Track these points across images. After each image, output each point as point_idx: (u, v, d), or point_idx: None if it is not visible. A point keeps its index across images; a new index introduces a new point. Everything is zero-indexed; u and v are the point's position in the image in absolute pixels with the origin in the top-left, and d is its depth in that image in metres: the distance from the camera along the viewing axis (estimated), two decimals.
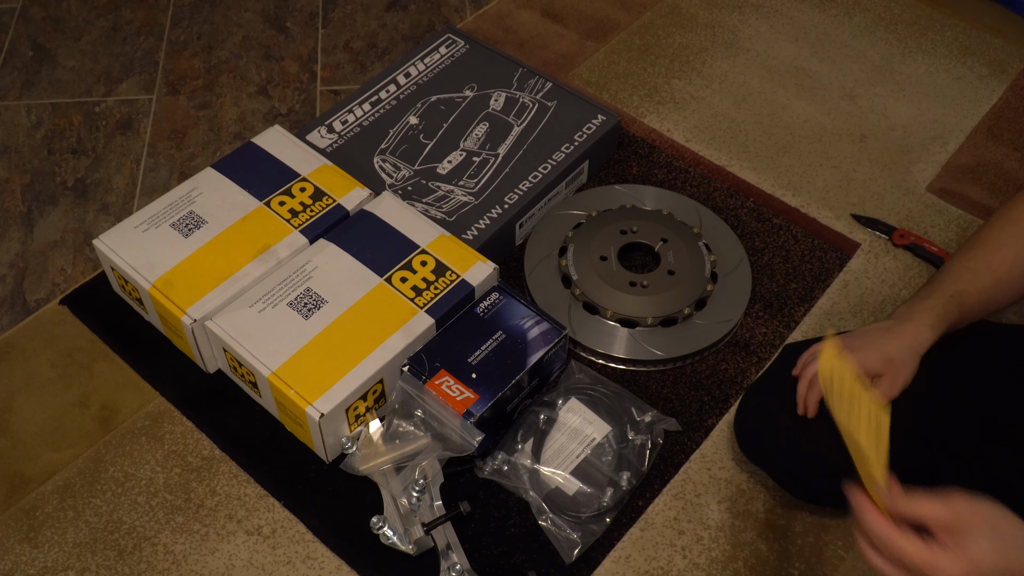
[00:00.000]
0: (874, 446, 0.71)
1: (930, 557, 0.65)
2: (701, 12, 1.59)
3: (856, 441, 0.70)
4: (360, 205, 1.15)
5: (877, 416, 0.72)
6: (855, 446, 0.71)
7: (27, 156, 1.41)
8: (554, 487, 1.00)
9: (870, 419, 0.72)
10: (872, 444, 0.70)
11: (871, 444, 0.70)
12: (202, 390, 1.09)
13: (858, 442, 0.70)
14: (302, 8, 1.65)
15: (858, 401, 0.73)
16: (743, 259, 1.21)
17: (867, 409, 0.72)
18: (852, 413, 0.72)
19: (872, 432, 0.71)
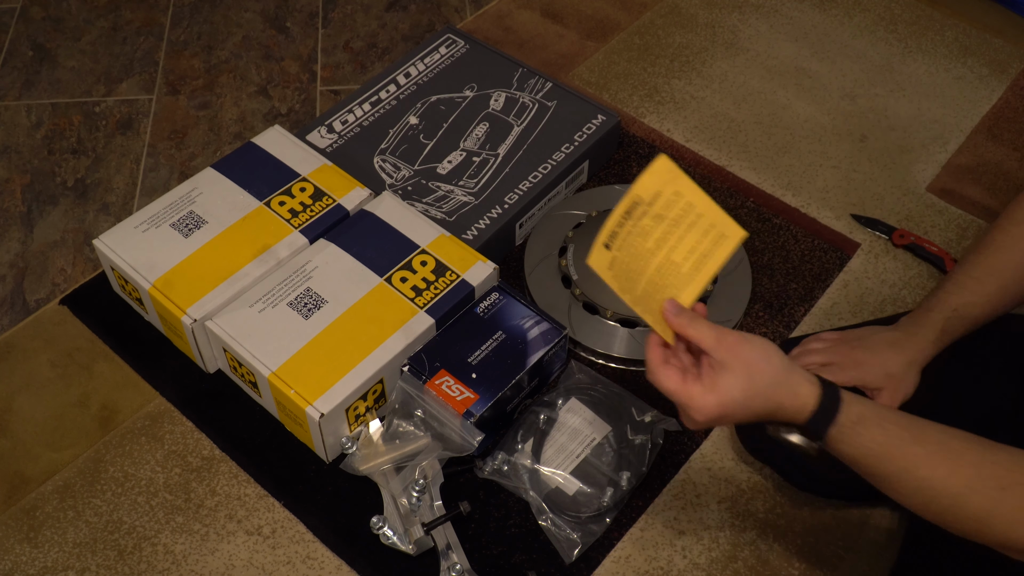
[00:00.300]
0: (696, 264, 0.74)
1: (683, 387, 0.71)
2: (701, 12, 1.59)
3: (670, 260, 0.74)
4: (360, 205, 1.15)
5: (717, 234, 0.74)
6: (665, 265, 0.74)
7: (27, 156, 1.41)
8: (554, 487, 1.00)
9: (704, 235, 0.74)
10: (694, 262, 0.74)
11: (693, 261, 0.74)
12: (202, 390, 1.09)
13: (673, 261, 0.74)
14: (302, 8, 1.65)
15: (691, 219, 0.74)
16: (743, 259, 1.21)
17: (704, 226, 0.74)
18: (674, 234, 0.74)
19: (699, 249, 0.74)
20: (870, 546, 1.00)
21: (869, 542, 1.00)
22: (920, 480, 0.69)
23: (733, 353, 0.71)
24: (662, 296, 0.74)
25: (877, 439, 0.70)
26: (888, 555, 0.97)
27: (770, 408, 0.72)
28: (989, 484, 0.67)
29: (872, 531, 1.00)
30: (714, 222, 0.74)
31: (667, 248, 0.74)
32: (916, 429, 0.71)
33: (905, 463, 0.70)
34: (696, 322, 0.73)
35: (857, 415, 0.71)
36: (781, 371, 0.71)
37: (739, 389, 0.70)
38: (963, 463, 0.68)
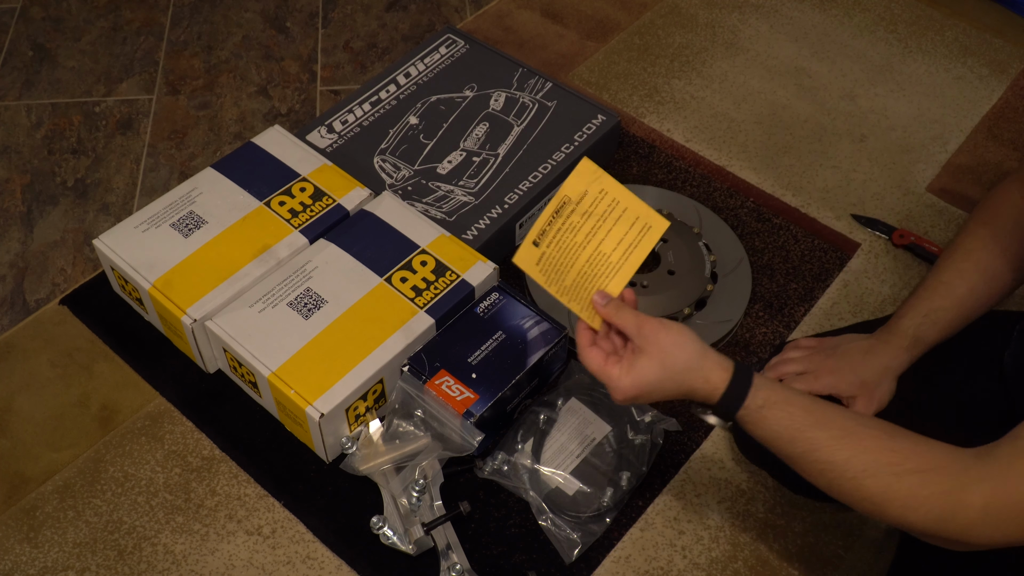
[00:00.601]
0: (624, 253, 0.80)
1: (604, 368, 0.78)
2: (701, 12, 1.59)
3: (600, 251, 0.81)
4: (360, 205, 1.15)
5: (642, 225, 0.80)
6: (595, 256, 0.81)
7: (27, 156, 1.41)
8: (554, 487, 1.00)
9: (630, 227, 0.80)
10: (622, 251, 0.80)
11: (621, 251, 0.80)
12: (202, 390, 1.09)
13: (603, 252, 0.80)
14: (302, 8, 1.65)
15: (617, 213, 0.80)
16: (743, 259, 1.21)
17: (630, 219, 0.80)
18: (603, 227, 0.81)
19: (627, 240, 0.80)
20: (869, 546, 1.00)
21: (869, 542, 1.00)
22: (822, 463, 0.73)
23: (650, 340, 0.77)
24: (592, 285, 0.81)
25: (782, 422, 0.75)
26: (887, 555, 0.97)
27: (683, 390, 0.78)
28: (885, 470, 0.71)
29: (871, 531, 1.01)
30: (638, 215, 0.80)
31: (596, 241, 0.81)
32: (820, 414, 0.75)
33: (808, 445, 0.74)
34: (621, 311, 0.79)
35: (764, 399, 0.75)
36: (694, 357, 0.77)
37: (653, 373, 0.77)
38: (862, 448, 0.72)
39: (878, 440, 0.72)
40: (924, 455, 0.71)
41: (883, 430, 0.74)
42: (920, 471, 0.70)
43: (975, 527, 0.67)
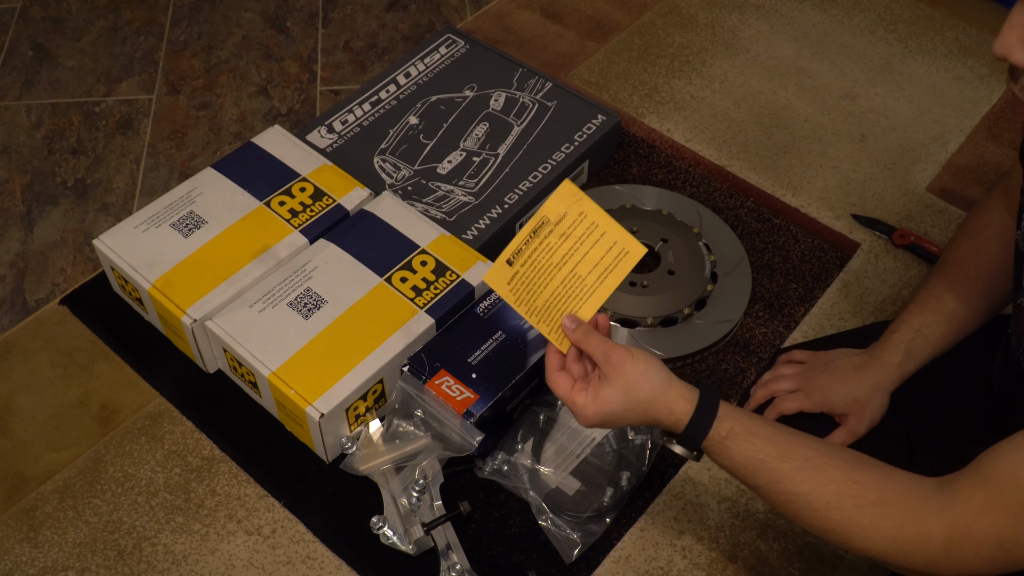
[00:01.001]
0: (599, 277, 0.81)
1: (570, 394, 0.79)
2: (701, 12, 1.59)
3: (575, 274, 0.81)
4: (360, 205, 1.15)
5: (619, 250, 0.81)
6: (570, 278, 0.81)
7: (27, 156, 1.41)
8: (554, 487, 1.00)
9: (607, 251, 0.81)
10: (597, 275, 0.81)
11: (596, 274, 0.81)
12: (202, 390, 1.09)
13: (578, 274, 0.81)
14: (302, 8, 1.65)
15: (595, 237, 0.81)
16: (743, 259, 1.21)
17: (607, 243, 0.81)
18: (579, 250, 0.81)
19: (603, 264, 0.81)
20: None
21: None
22: (786, 494, 0.74)
23: (616, 369, 0.77)
24: (565, 307, 0.81)
25: (745, 453, 0.75)
26: None
27: (648, 420, 0.78)
28: (848, 502, 0.71)
29: None
30: (616, 239, 0.80)
31: (572, 263, 0.81)
32: (785, 444, 0.75)
33: (772, 477, 0.74)
34: (590, 336, 0.79)
35: (728, 429, 0.76)
36: (658, 388, 0.77)
37: (617, 402, 0.77)
38: (826, 480, 0.72)
39: (841, 471, 0.72)
40: (886, 487, 0.71)
41: (847, 461, 0.74)
42: (882, 503, 0.70)
43: (938, 560, 0.68)
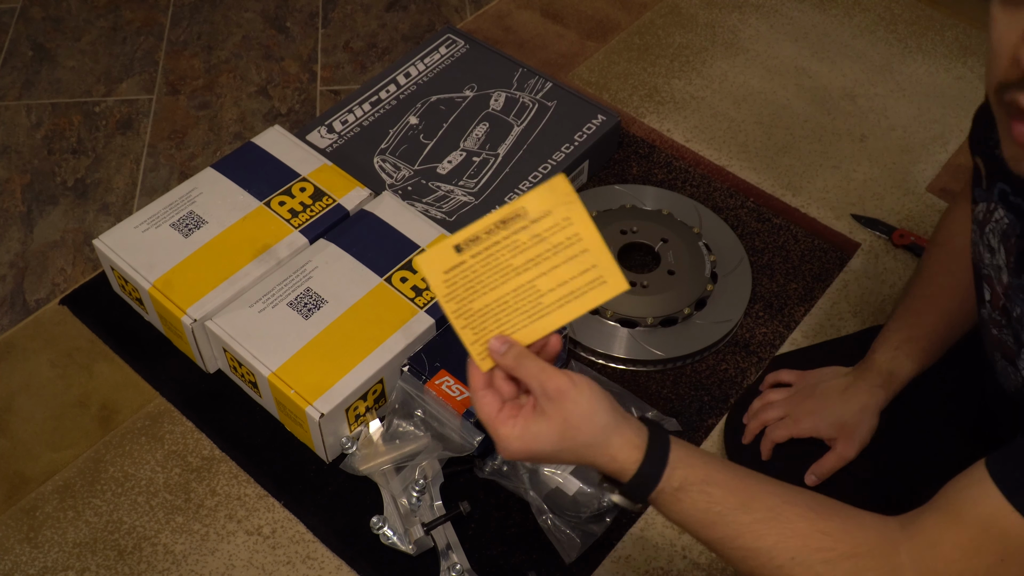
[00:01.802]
0: (561, 300, 0.67)
1: (494, 421, 0.67)
2: (701, 12, 1.59)
3: (533, 286, 0.67)
4: (360, 205, 1.15)
5: (595, 276, 0.67)
6: (525, 289, 0.67)
7: (27, 156, 1.41)
8: (554, 487, 1.00)
9: (581, 273, 0.67)
10: (559, 297, 0.67)
11: (558, 296, 0.67)
12: (202, 390, 1.09)
13: (537, 288, 0.67)
14: (302, 8, 1.65)
15: (573, 251, 0.67)
16: (743, 259, 1.21)
17: (585, 264, 0.67)
18: (550, 260, 0.67)
19: (571, 285, 0.67)
20: None
21: None
22: (745, 549, 0.66)
23: (554, 404, 0.66)
24: (504, 322, 0.68)
25: (700, 505, 0.66)
26: None
27: (584, 463, 0.68)
28: (815, 557, 0.64)
29: None
30: (597, 263, 0.67)
31: (535, 273, 0.67)
32: (745, 494, 0.66)
33: (728, 531, 0.66)
34: (523, 362, 0.67)
35: (681, 480, 0.66)
36: (601, 433, 0.66)
37: (548, 442, 0.66)
38: (790, 533, 0.65)
39: (807, 521, 0.65)
40: (855, 536, 0.64)
41: (812, 508, 0.66)
42: (853, 555, 0.64)
43: None
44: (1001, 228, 0.71)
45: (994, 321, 0.76)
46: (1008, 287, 0.72)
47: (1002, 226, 0.71)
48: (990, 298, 0.76)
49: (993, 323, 0.76)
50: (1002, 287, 0.73)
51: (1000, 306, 0.74)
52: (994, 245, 0.73)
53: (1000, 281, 0.73)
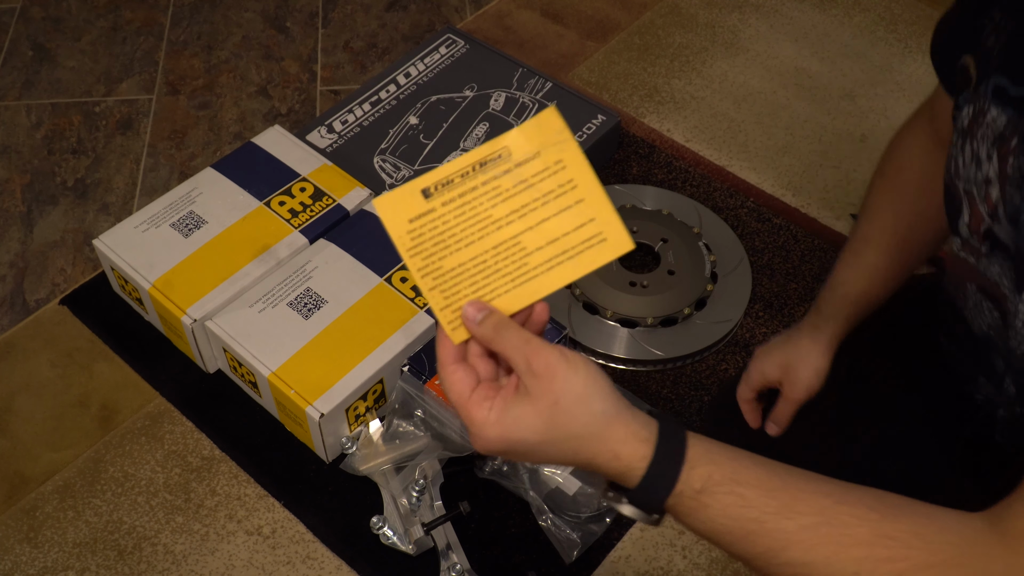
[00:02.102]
0: (551, 260, 0.56)
1: (466, 403, 0.54)
2: (701, 12, 1.59)
3: (518, 243, 0.56)
4: (360, 205, 1.15)
5: (594, 232, 0.56)
6: (508, 247, 0.56)
7: (27, 156, 1.41)
8: (554, 487, 1.00)
9: (578, 228, 0.56)
10: (550, 257, 0.56)
11: (549, 255, 0.56)
12: (202, 390, 1.09)
13: (522, 246, 0.56)
14: (302, 8, 1.65)
15: (568, 201, 0.56)
16: (743, 259, 1.21)
17: (582, 216, 0.55)
18: (538, 211, 0.56)
19: (565, 243, 0.56)
20: None
21: None
22: (795, 565, 0.52)
23: (541, 383, 0.52)
24: (482, 285, 0.56)
25: (730, 512, 0.52)
26: None
27: (580, 462, 0.54)
28: (883, 569, 0.50)
29: None
30: (596, 216, 0.55)
31: (521, 226, 0.55)
32: (786, 495, 0.52)
33: (771, 542, 0.52)
34: (503, 333, 0.54)
35: (703, 480, 0.52)
36: (598, 420, 0.53)
37: (532, 429, 0.52)
38: (849, 541, 0.51)
39: (868, 525, 0.51)
40: (931, 541, 0.51)
41: (872, 508, 0.52)
42: (931, 565, 0.50)
43: None
44: (995, 131, 0.62)
45: (971, 248, 0.68)
46: (1000, 202, 0.62)
47: (996, 128, 0.62)
48: (969, 220, 0.66)
49: (969, 250, 0.68)
50: (989, 205, 0.63)
51: (981, 230, 0.65)
52: (983, 154, 0.63)
53: (987, 197, 0.63)
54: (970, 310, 0.73)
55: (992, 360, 0.74)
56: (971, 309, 0.73)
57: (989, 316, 0.70)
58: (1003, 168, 0.61)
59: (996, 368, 0.74)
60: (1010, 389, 0.73)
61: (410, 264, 0.56)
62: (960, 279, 0.72)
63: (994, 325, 0.70)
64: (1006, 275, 0.65)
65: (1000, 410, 0.77)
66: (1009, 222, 0.62)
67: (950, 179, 0.68)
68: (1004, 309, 0.67)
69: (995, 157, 0.62)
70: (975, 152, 0.64)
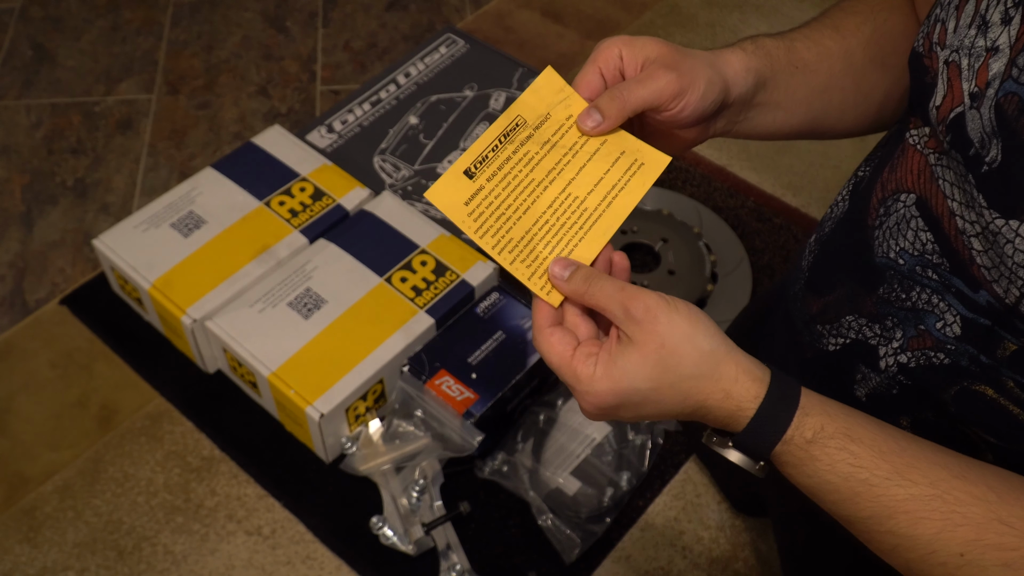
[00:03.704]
0: (604, 199, 0.58)
1: (570, 363, 0.53)
2: (701, 12, 1.59)
3: (569, 194, 0.58)
4: (360, 205, 1.15)
5: (631, 161, 0.59)
6: (562, 200, 0.58)
7: (27, 156, 1.41)
8: (554, 487, 1.00)
9: (612, 164, 0.59)
10: (602, 196, 0.58)
11: (600, 195, 0.58)
12: (202, 390, 1.09)
13: (574, 195, 0.58)
14: (302, 8, 1.65)
15: (593, 146, 0.59)
16: (743, 259, 1.21)
17: (612, 154, 0.59)
18: (572, 163, 0.59)
19: (609, 180, 0.59)
20: None
21: None
22: (896, 536, 0.49)
23: (644, 327, 0.51)
24: (555, 242, 0.57)
25: (839, 469, 0.50)
26: None
27: (689, 406, 0.52)
28: (990, 557, 0.47)
29: None
30: (624, 148, 0.58)
31: (564, 179, 0.58)
32: (900, 460, 0.50)
33: (876, 508, 0.50)
34: (595, 284, 0.53)
35: (815, 430, 0.51)
36: (708, 359, 0.51)
37: (643, 376, 0.51)
38: (960, 520, 0.48)
39: (984, 505, 0.47)
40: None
41: (992, 487, 0.48)
42: None
43: None
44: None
45: (935, 141, 0.55)
46: (998, 78, 0.48)
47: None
48: (940, 102, 0.54)
49: (934, 144, 0.56)
50: (979, 81, 0.50)
51: (949, 117, 0.52)
52: (994, 16, 0.50)
53: (982, 70, 0.50)
54: (888, 229, 0.59)
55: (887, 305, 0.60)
56: (887, 230, 0.59)
57: (916, 240, 0.56)
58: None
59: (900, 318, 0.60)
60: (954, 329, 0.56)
61: (483, 244, 0.57)
62: (896, 186, 0.59)
63: (921, 251, 0.56)
64: (959, 184, 0.52)
65: None
66: (995, 109, 0.48)
67: (926, 49, 0.56)
68: (942, 231, 0.54)
69: (1017, 18, 0.48)
70: (980, 13, 0.51)
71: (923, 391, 0.59)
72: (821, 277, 0.67)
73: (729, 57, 0.63)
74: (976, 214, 0.51)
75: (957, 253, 0.53)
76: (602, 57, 0.61)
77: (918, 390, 0.59)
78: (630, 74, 0.60)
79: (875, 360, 0.61)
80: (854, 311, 0.63)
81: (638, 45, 0.60)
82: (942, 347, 0.56)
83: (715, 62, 0.61)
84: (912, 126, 0.58)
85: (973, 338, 0.54)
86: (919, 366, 0.58)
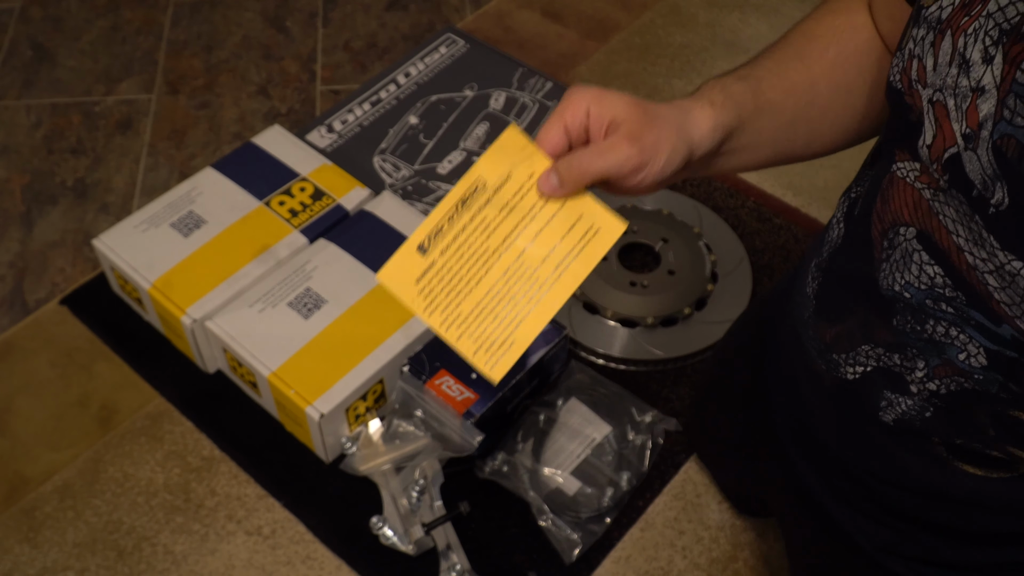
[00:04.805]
0: (558, 266, 0.60)
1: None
2: (701, 12, 1.59)
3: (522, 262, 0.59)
4: (360, 205, 1.15)
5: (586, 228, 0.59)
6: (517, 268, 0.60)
7: (27, 156, 1.41)
8: (554, 487, 1.00)
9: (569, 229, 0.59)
10: (556, 263, 0.60)
11: (554, 262, 0.60)
12: (202, 390, 1.09)
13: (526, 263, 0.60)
14: (302, 8, 1.65)
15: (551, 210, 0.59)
16: (743, 259, 1.21)
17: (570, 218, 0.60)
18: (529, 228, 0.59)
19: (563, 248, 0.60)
20: None
21: None
22: None
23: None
24: (504, 314, 0.59)
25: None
26: None
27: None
28: None
29: None
30: (583, 212, 0.58)
31: (517, 248, 0.59)
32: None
33: None
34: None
35: None
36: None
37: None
38: None
39: None
40: None
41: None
42: None
43: None
44: (1004, 23, 0.47)
45: (928, 178, 0.54)
46: (991, 120, 0.47)
47: (1007, 18, 0.47)
48: (931, 141, 0.53)
49: (927, 180, 0.54)
50: (971, 122, 0.49)
51: (944, 157, 0.51)
52: (974, 55, 0.48)
53: (971, 111, 0.49)
54: (892, 264, 0.58)
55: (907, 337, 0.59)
56: (894, 263, 0.58)
57: (921, 274, 0.56)
58: (1010, 74, 0.46)
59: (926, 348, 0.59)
60: (979, 360, 0.56)
61: (431, 322, 0.59)
62: (893, 219, 0.58)
63: (931, 284, 0.55)
64: (963, 222, 0.51)
65: None
66: (994, 151, 0.47)
67: (905, 86, 0.55)
68: (951, 265, 0.53)
69: (998, 58, 0.47)
70: (959, 51, 0.49)
71: (957, 414, 0.59)
72: (829, 306, 0.68)
73: (697, 116, 0.64)
74: (988, 253, 0.50)
75: (972, 287, 0.52)
76: (569, 112, 0.60)
77: (950, 413, 0.59)
78: (595, 135, 0.61)
79: (904, 386, 0.61)
80: (869, 340, 0.63)
81: (607, 103, 0.60)
82: (969, 376, 0.56)
83: (684, 124, 0.63)
84: (899, 159, 0.57)
85: (1001, 368, 0.54)
86: (950, 392, 0.58)
